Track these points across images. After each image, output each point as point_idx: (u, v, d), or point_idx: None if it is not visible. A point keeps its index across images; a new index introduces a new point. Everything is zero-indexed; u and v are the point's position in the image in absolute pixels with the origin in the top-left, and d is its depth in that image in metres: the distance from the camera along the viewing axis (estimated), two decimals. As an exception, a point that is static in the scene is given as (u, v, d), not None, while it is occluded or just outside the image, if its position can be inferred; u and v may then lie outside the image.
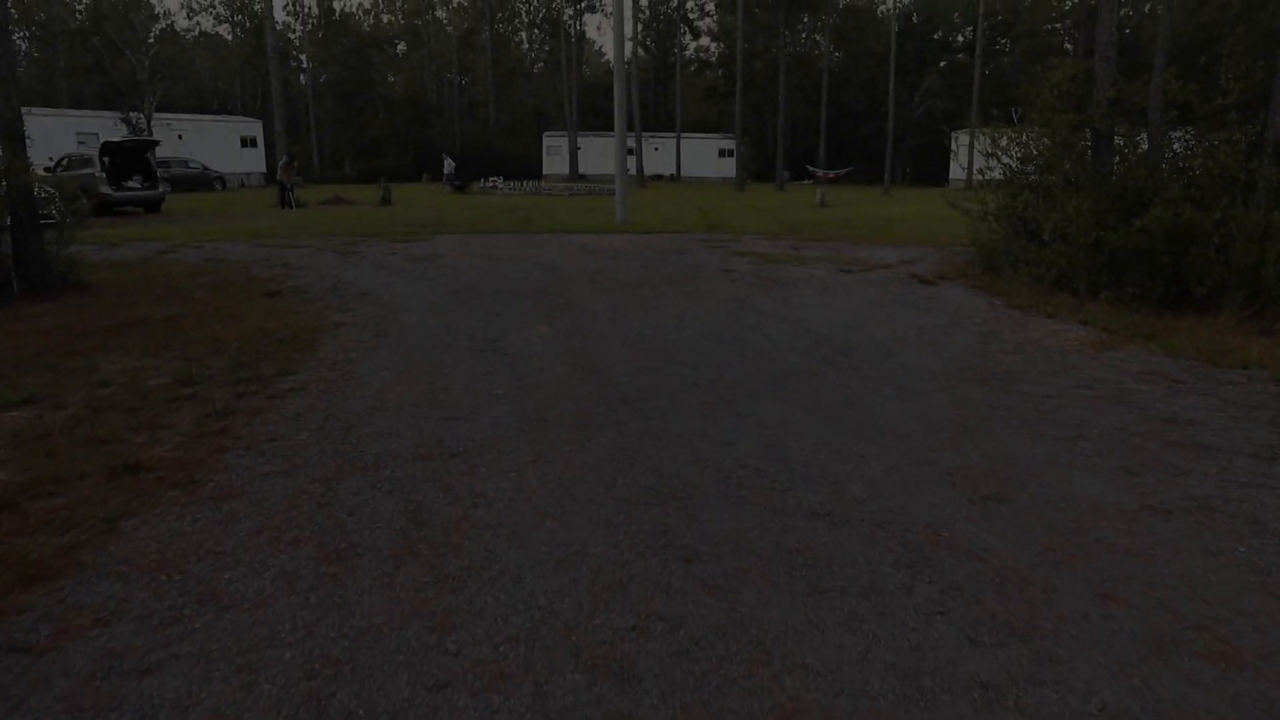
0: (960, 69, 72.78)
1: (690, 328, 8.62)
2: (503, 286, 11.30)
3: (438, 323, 8.86)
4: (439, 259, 14.24)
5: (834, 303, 10.33)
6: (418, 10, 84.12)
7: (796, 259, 14.36)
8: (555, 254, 14.95)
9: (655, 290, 11.02)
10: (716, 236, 18.35)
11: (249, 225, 21.35)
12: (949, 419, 5.69)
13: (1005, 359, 7.58)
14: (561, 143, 68.34)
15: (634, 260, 14.09)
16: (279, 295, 10.80)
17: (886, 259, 14.79)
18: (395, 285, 11.48)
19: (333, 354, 7.52)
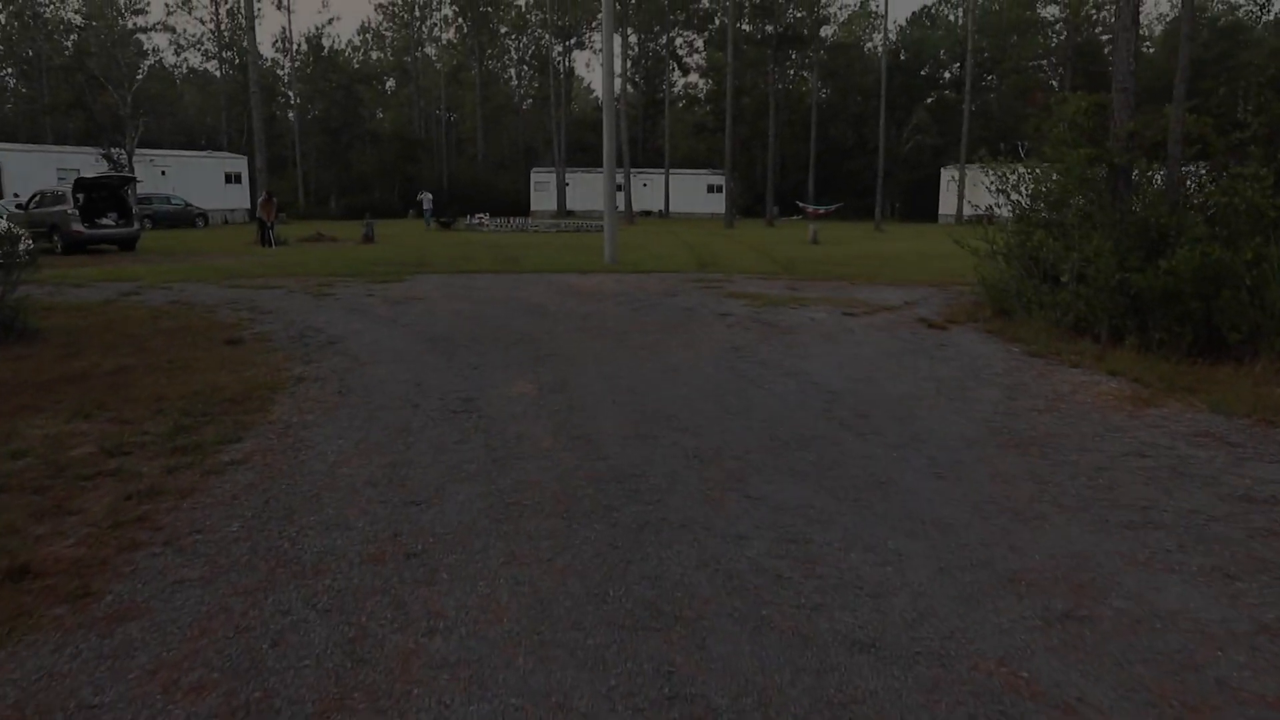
0: (948, 105, 72.80)
1: (687, 382, 7.81)
2: (483, 333, 10.49)
3: (408, 377, 8.03)
4: (417, 302, 13.44)
5: (841, 351, 9.55)
6: (406, 47, 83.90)
7: (795, 301, 13.61)
8: (540, 296, 14.17)
9: (647, 337, 10.23)
10: (709, 276, 17.60)
11: (224, 264, 20.54)
12: (995, 500, 4.88)
13: (1039, 419, 6.79)
14: (549, 179, 67.90)
15: (623, 303, 13.31)
16: (240, 344, 9.97)
17: (889, 300, 14.05)
18: (367, 332, 10.66)
19: (287, 416, 6.69)
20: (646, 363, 8.69)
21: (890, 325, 11.53)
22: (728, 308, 12.83)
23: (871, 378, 8.18)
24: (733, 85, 50.35)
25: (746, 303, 13.38)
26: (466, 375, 8.09)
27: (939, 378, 8.25)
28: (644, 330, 10.69)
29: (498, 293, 14.55)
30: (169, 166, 52.08)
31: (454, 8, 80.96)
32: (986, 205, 13.31)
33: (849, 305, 13.28)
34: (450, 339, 10.07)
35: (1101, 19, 72.71)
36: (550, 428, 6.26)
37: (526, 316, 11.84)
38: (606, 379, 7.91)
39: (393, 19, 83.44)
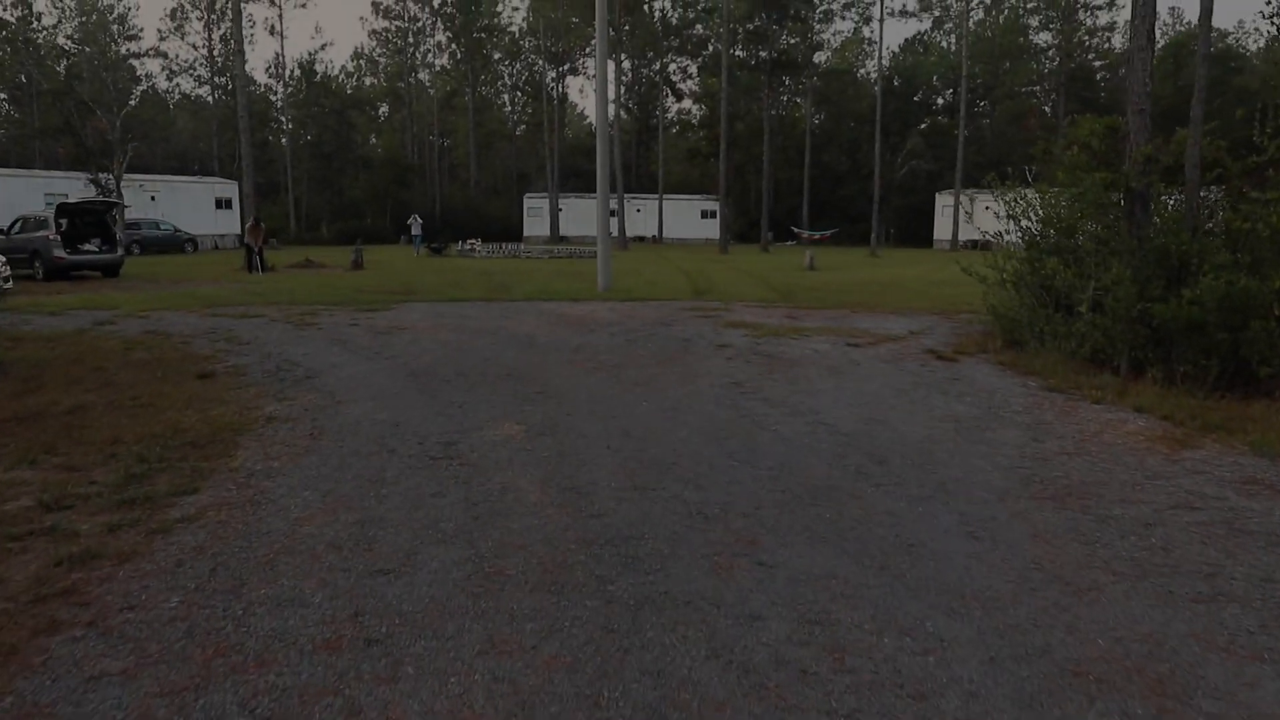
0: (941, 130, 72.77)
1: (687, 423, 7.24)
2: (469, 367, 9.93)
3: (387, 417, 7.46)
4: (402, 332, 12.88)
5: (849, 386, 9.01)
6: (400, 72, 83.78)
7: (796, 331, 13.07)
8: (531, 326, 13.62)
9: (643, 371, 9.67)
10: (705, 304, 17.08)
11: (207, 292, 19.98)
12: (1040, 566, 4.31)
13: (1070, 464, 6.24)
14: (543, 204, 67.55)
15: (618, 333, 12.77)
16: (212, 378, 9.40)
17: (893, 330, 13.53)
18: (347, 365, 10.09)
19: (251, 462, 6.11)
20: (642, 400, 8.12)
21: (897, 357, 10.99)
22: (727, 338, 12.29)
23: (884, 417, 7.62)
24: (727, 111, 50.10)
25: (746, 333, 12.84)
26: (449, 415, 7.52)
27: (956, 417, 7.70)
28: (639, 364, 10.14)
29: (486, 322, 14.00)
30: (158, 192, 51.62)
31: (448, 34, 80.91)
32: (994, 231, 12.82)
33: (852, 335, 12.76)
34: (434, 373, 9.51)
35: (1094, 45, 72.91)
36: (538, 477, 5.69)
37: (515, 348, 11.28)
38: (600, 419, 7.34)
39: (386, 45, 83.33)
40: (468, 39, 78.19)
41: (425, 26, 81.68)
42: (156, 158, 78.95)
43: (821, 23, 64.82)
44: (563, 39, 69.24)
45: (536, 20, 68.89)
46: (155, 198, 51.12)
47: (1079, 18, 69.81)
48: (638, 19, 62.84)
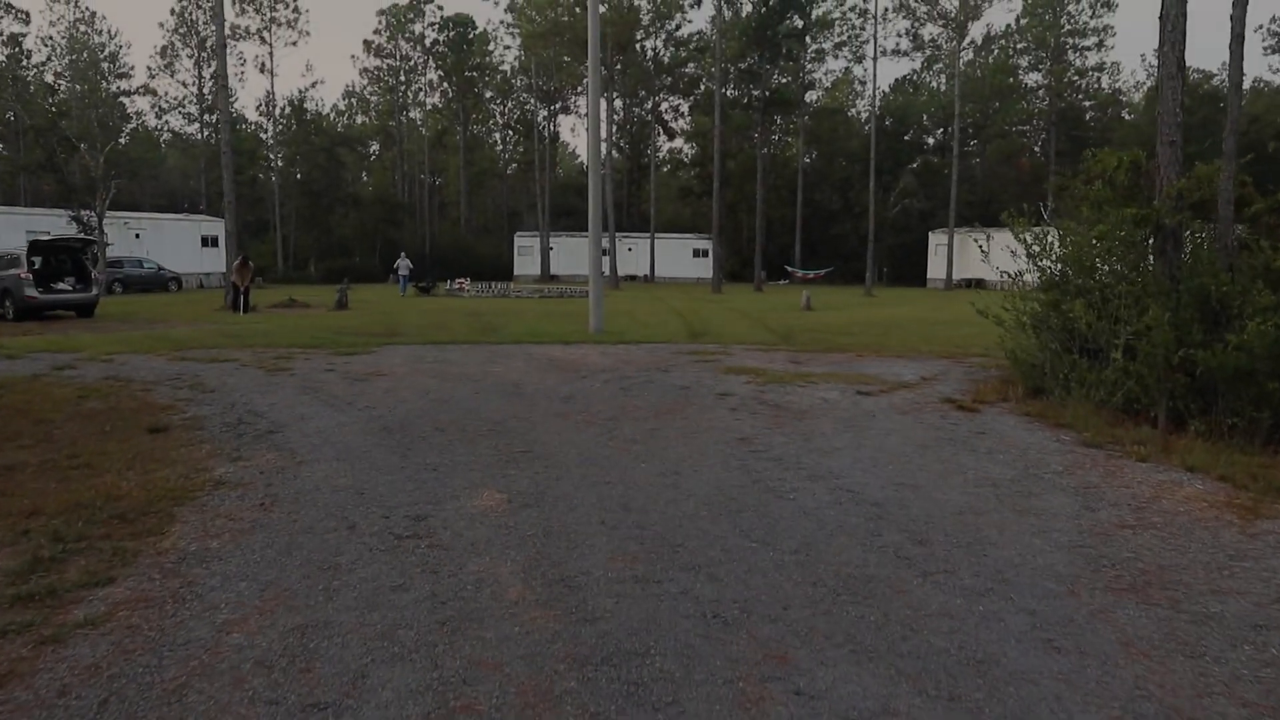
0: (933, 169, 72.59)
1: (692, 491, 6.37)
2: (449, 420, 9.05)
3: (351, 482, 6.57)
4: (380, 378, 12.00)
5: (868, 443, 8.15)
6: (390, 111, 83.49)
7: (801, 378, 12.23)
8: (519, 371, 12.76)
9: (640, 425, 8.81)
10: (703, 348, 16.25)
11: (181, 333, 19.08)
12: (1147, 693, 3.44)
13: (1138, 541, 5.39)
14: (533, 243, 67.03)
15: (611, 380, 11.91)
16: (165, 432, 8.52)
17: (904, 376, 12.71)
18: (316, 418, 9.21)
19: (185, 542, 5.23)
20: (640, 461, 7.25)
21: (914, 407, 10.15)
22: (728, 386, 11.44)
23: (914, 481, 6.77)
24: (720, 149, 49.67)
25: (748, 380, 12.00)
26: (422, 480, 6.63)
27: (994, 480, 6.85)
28: (635, 416, 9.27)
29: (471, 368, 13.13)
30: (143, 229, 50.93)
31: (439, 72, 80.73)
32: (1015, 271, 12.04)
33: (862, 382, 11.92)
34: (410, 428, 8.63)
35: (1084, 85, 73.00)
36: (521, 565, 4.80)
37: (501, 398, 10.40)
38: (593, 486, 6.46)
39: (377, 83, 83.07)
40: (459, 77, 78.00)
41: (417, 65, 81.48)
42: (146, 195, 78.33)
43: (813, 62, 64.66)
44: (554, 78, 69.01)
45: (528, 59, 68.67)
46: (140, 235, 50.41)
47: (1068, 58, 69.91)
48: (629, 58, 62.62)
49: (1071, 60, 69.83)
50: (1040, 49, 70.16)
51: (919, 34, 61.05)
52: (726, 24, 50.45)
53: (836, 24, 56.26)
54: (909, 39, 61.32)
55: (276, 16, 67.77)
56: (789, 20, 48.84)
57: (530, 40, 56.50)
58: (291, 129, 73.10)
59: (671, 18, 64.38)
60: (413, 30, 78.62)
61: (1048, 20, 68.44)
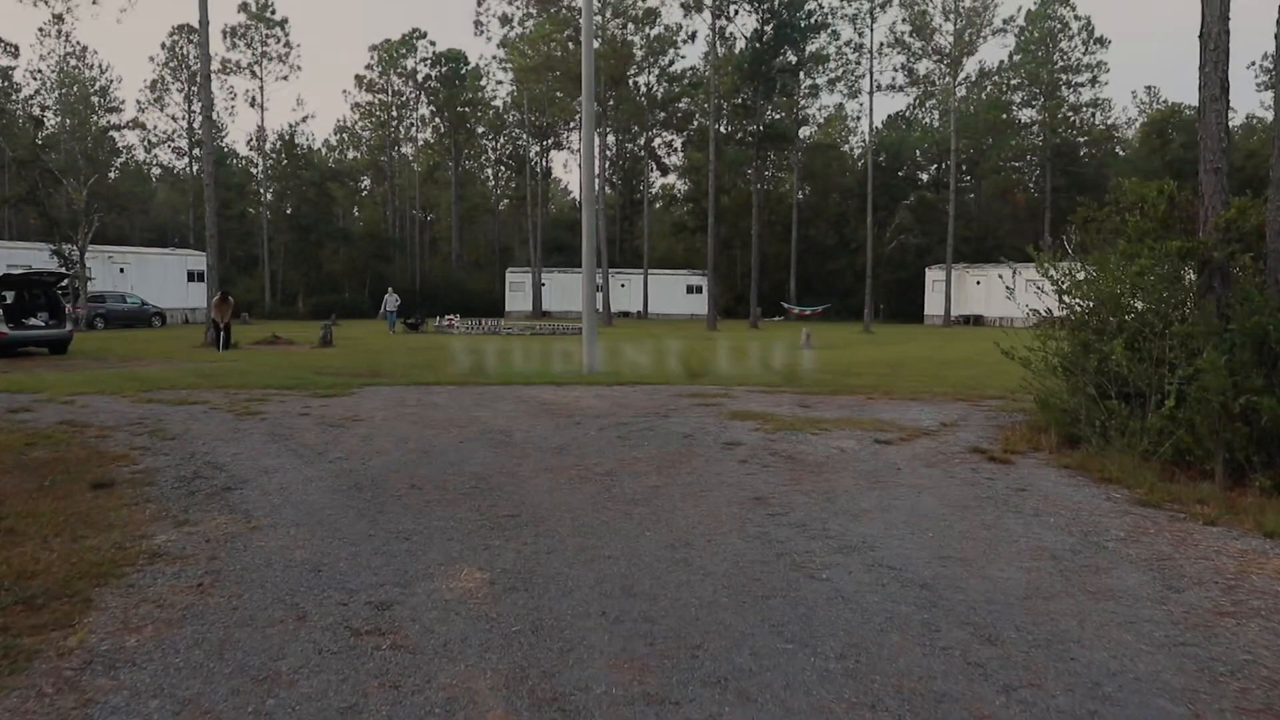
0: (928, 205, 72.28)
1: (708, 569, 5.45)
2: (428, 475, 8.12)
3: (308, 555, 5.64)
4: (357, 424, 11.07)
5: (899, 504, 7.25)
6: (382, 146, 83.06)
7: (812, 424, 11.34)
8: (508, 417, 11.84)
9: (641, 482, 7.89)
10: (703, 390, 15.36)
11: (152, 373, 18.14)
12: None
13: (1246, 635, 4.49)
14: (525, 279, 66.36)
15: (608, 427, 11.00)
16: (110, 489, 7.59)
17: (922, 422, 11.83)
18: (281, 471, 8.28)
19: (97, 638, 4.30)
20: (645, 528, 6.32)
21: (940, 457, 9.26)
22: (735, 433, 10.54)
23: (961, 553, 5.86)
24: (715, 185, 49.09)
25: (756, 426, 11.10)
26: (392, 553, 5.70)
27: (1051, 551, 5.95)
28: (635, 471, 8.36)
29: (456, 412, 12.21)
30: (128, 263, 50.14)
31: (431, 107, 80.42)
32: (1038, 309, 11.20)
33: (879, 429, 11.03)
34: (383, 485, 7.70)
35: (1079, 121, 72.91)
36: (503, 675, 3.87)
37: (487, 448, 9.48)
38: (591, 561, 5.53)
39: (369, 118, 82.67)
40: (451, 113, 77.70)
41: (409, 100, 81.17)
42: (136, 230, 77.61)
43: (807, 97, 64.40)
44: (547, 113, 68.65)
45: (520, 95, 68.32)
46: (124, 270, 49.63)
47: (1061, 94, 69.84)
48: (622, 93, 62.26)
49: (1065, 96, 69.75)
50: (1034, 85, 70.11)
51: (913, 69, 60.80)
52: (720, 60, 50.08)
53: (831, 59, 55.93)
54: (904, 74, 61.04)
55: (268, 51, 67.43)
56: (783, 55, 48.47)
57: (523, 75, 56.10)
58: (282, 163, 72.52)
59: (665, 53, 64.13)
60: (405, 65, 78.46)
61: (1040, 57, 68.44)
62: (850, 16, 51.63)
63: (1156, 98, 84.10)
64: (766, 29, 47.14)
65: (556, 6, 52.14)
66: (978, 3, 56.12)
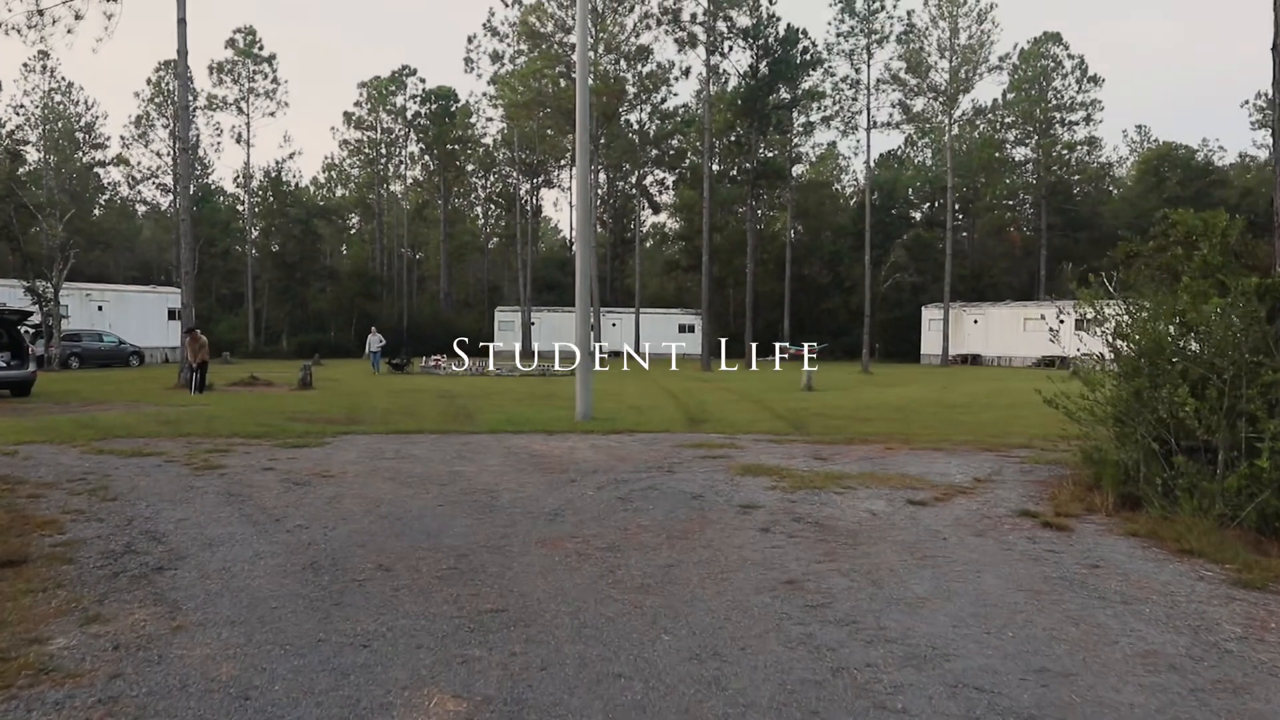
0: (923, 243, 71.69)
1: (744, 692, 4.24)
2: (400, 551, 6.92)
3: (238, 672, 4.44)
4: (326, 482, 9.87)
5: (958, 586, 6.08)
6: (370, 183, 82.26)
7: (833, 480, 10.17)
8: (494, 472, 10.65)
9: (650, 559, 6.71)
10: (706, 439, 14.22)
11: (113, 418, 16.91)
12: None
13: None
14: (514, 318, 65.31)
15: (606, 485, 9.82)
16: (21, 567, 6.41)
17: (952, 476, 10.69)
18: (229, 544, 7.07)
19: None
20: (661, 630, 5.13)
21: (987, 524, 8.11)
22: (750, 493, 9.37)
23: (1058, 665, 4.68)
24: (709, 223, 48.22)
25: (771, 483, 9.94)
26: (344, 669, 4.50)
27: (1166, 658, 4.79)
28: (642, 543, 7.17)
29: (437, 466, 11.02)
30: (106, 301, 48.98)
31: (420, 145, 79.76)
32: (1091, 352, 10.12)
33: (908, 487, 9.89)
34: (345, 564, 6.50)
35: (1073, 160, 72.58)
36: None
37: (469, 514, 8.28)
38: (596, 683, 4.33)
39: (357, 155, 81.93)
40: (441, 150, 77.03)
41: (398, 137, 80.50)
42: (120, 267, 76.33)
43: (801, 136, 63.84)
44: (537, 150, 67.96)
45: (510, 132, 67.63)
46: (103, 308, 48.48)
47: (1056, 132, 69.52)
48: (614, 130, 61.58)
49: (1059, 134, 69.43)
50: (1027, 123, 69.79)
51: (909, 106, 60.33)
52: (714, 96, 49.43)
53: (827, 95, 55.38)
54: (900, 110, 60.55)
55: (255, 87, 66.67)
56: (778, 92, 47.84)
57: (513, 110, 55.38)
58: (268, 200, 71.57)
59: (657, 90, 63.58)
60: (394, 102, 77.88)
61: (1034, 95, 68.18)
62: (847, 52, 51.08)
63: (1147, 136, 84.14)
64: (761, 65, 46.50)
65: (548, 43, 51.52)
66: (974, 40, 55.70)
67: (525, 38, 53.80)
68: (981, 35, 55.69)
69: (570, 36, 50.41)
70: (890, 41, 50.86)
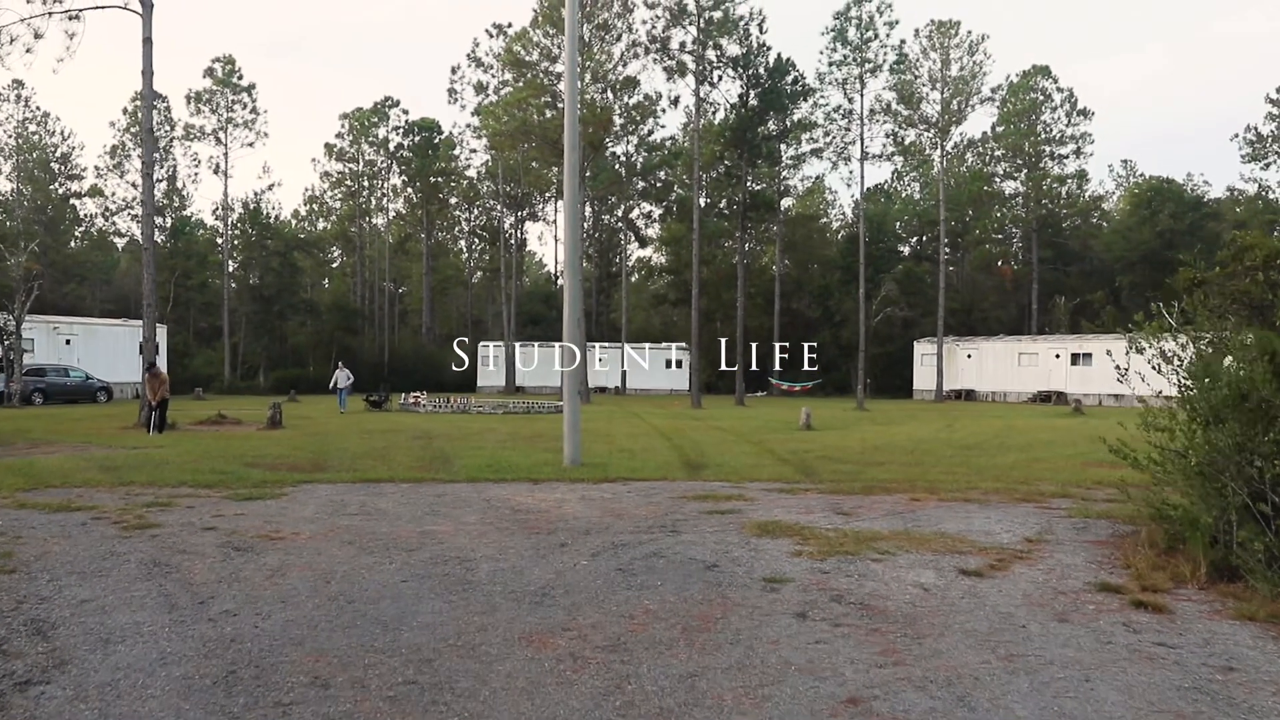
0: (914, 277, 70.77)
1: None
2: (343, 654, 5.43)
3: None
4: (271, 548, 8.38)
5: (1071, 709, 4.63)
6: (352, 215, 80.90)
7: (866, 543, 8.74)
8: (471, 534, 9.17)
9: (663, 662, 5.25)
10: (710, 487, 12.79)
11: (53, 462, 15.35)
12: None
13: None
14: (498, 353, 63.76)
15: (603, 550, 8.35)
16: None
17: (997, 535, 9.29)
18: (129, 641, 5.59)
19: None
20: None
21: (1065, 602, 6.69)
22: (773, 561, 7.93)
23: None
24: (698, 255, 46.99)
25: (795, 547, 8.50)
26: None
27: None
28: (653, 640, 5.71)
29: (405, 525, 9.53)
30: (75, 335, 47.31)
31: (403, 177, 78.55)
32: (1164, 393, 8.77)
33: (952, 549, 8.47)
34: (271, 674, 5.01)
35: (1063, 193, 71.97)
36: None
37: (438, 593, 6.79)
38: None
39: (339, 187, 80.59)
40: (424, 183, 75.85)
41: (380, 170, 79.28)
42: (96, 300, 74.49)
43: (790, 168, 62.92)
44: (522, 182, 66.80)
45: (495, 164, 66.48)
46: (71, 341, 46.83)
47: (1045, 165, 68.86)
48: (600, 162, 60.47)
49: (1049, 168, 68.78)
50: (1017, 156, 69.16)
51: (900, 138, 59.47)
52: (702, 129, 48.41)
53: (819, 125, 54.41)
54: (892, 142, 59.69)
55: (233, 117, 65.34)
56: (768, 123, 46.82)
57: (497, 140, 54.15)
58: (247, 232, 70.07)
59: (644, 122, 62.61)
60: (376, 134, 76.74)
61: (1023, 129, 67.58)
62: (840, 81, 50.15)
63: (1133, 171, 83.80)
64: (751, 95, 45.50)
65: (533, 72, 50.45)
66: (965, 71, 54.96)
67: (510, 67, 52.71)
68: (974, 66, 55.01)
69: (556, 66, 49.35)
70: (883, 71, 49.98)
